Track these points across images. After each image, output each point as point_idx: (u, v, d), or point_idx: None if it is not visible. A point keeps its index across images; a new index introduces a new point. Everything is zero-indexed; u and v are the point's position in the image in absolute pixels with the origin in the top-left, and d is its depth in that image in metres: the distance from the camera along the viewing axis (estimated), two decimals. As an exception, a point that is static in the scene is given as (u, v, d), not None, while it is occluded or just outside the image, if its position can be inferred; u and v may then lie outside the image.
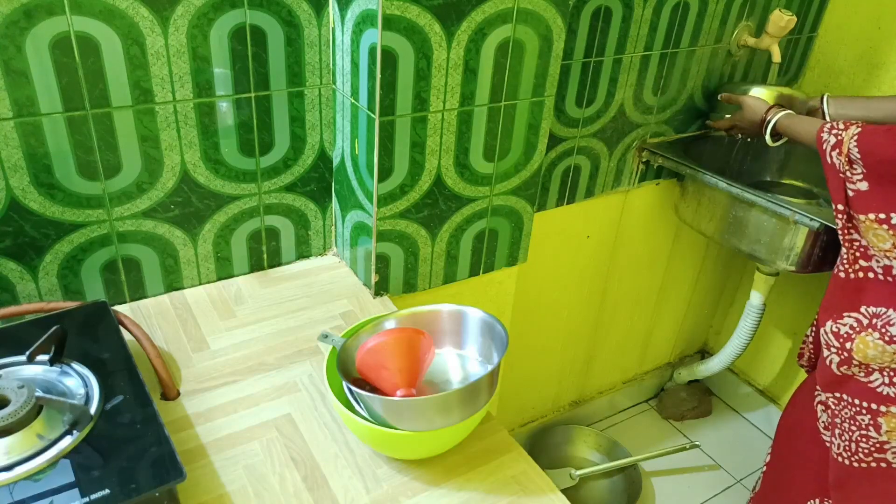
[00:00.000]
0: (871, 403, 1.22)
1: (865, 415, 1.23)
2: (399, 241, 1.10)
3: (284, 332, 1.03)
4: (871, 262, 1.18)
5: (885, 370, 1.18)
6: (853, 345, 1.21)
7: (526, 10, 1.00)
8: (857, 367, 1.21)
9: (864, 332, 1.20)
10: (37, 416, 0.72)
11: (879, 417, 1.21)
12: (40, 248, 0.96)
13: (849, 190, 1.16)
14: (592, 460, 1.93)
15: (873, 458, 1.25)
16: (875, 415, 1.22)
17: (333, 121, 1.11)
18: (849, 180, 1.15)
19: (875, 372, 1.20)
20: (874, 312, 1.19)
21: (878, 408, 1.21)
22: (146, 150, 0.97)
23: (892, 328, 1.16)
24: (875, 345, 1.17)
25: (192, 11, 0.92)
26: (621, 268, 1.84)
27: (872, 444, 1.24)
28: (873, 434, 1.23)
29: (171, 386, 0.89)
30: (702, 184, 1.56)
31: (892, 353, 1.16)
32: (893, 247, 1.13)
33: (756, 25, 1.62)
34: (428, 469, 0.82)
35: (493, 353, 0.86)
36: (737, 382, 2.21)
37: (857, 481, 1.29)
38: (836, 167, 1.16)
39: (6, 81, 0.84)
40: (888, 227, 1.12)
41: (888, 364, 1.18)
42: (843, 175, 1.15)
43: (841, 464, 1.30)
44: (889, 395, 1.19)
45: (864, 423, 1.24)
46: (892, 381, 1.19)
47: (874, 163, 1.11)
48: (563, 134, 1.45)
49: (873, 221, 1.13)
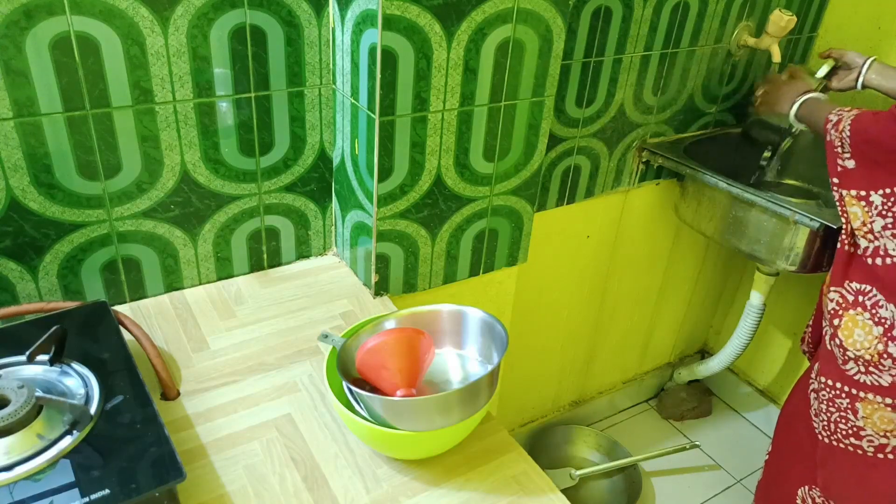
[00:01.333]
0: (851, 388, 1.25)
1: (844, 398, 1.27)
2: (399, 241, 1.10)
3: (284, 332, 1.03)
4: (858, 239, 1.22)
5: (860, 360, 1.22)
6: (841, 322, 1.23)
7: (526, 10, 1.00)
8: (838, 347, 1.25)
9: (852, 310, 1.22)
10: (37, 416, 0.72)
11: (857, 402, 1.25)
12: (40, 248, 0.96)
13: (838, 166, 1.20)
14: (592, 460, 1.93)
15: (850, 442, 1.28)
16: (854, 399, 1.25)
17: (333, 121, 1.11)
18: (839, 156, 1.20)
19: (850, 361, 1.23)
20: (858, 289, 1.22)
21: (857, 393, 1.24)
22: (146, 150, 0.97)
23: (881, 310, 1.17)
24: (864, 324, 1.20)
25: (192, 11, 0.92)
26: (621, 268, 1.84)
27: (850, 426, 1.27)
28: (851, 417, 1.27)
29: (171, 386, 0.89)
30: (702, 184, 1.56)
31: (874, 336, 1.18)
32: (863, 224, 1.18)
33: (756, 25, 1.62)
34: (428, 469, 0.82)
35: (493, 353, 0.86)
36: (737, 382, 2.21)
37: (839, 462, 1.33)
38: (833, 143, 1.20)
39: (6, 81, 0.84)
40: (865, 203, 1.16)
41: (863, 353, 1.20)
42: (837, 151, 1.20)
43: (822, 442, 1.34)
44: (865, 382, 1.23)
45: (843, 406, 1.27)
46: (867, 370, 1.22)
47: (860, 142, 1.15)
48: (563, 134, 1.45)
49: (854, 198, 1.18)
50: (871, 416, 1.23)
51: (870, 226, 1.17)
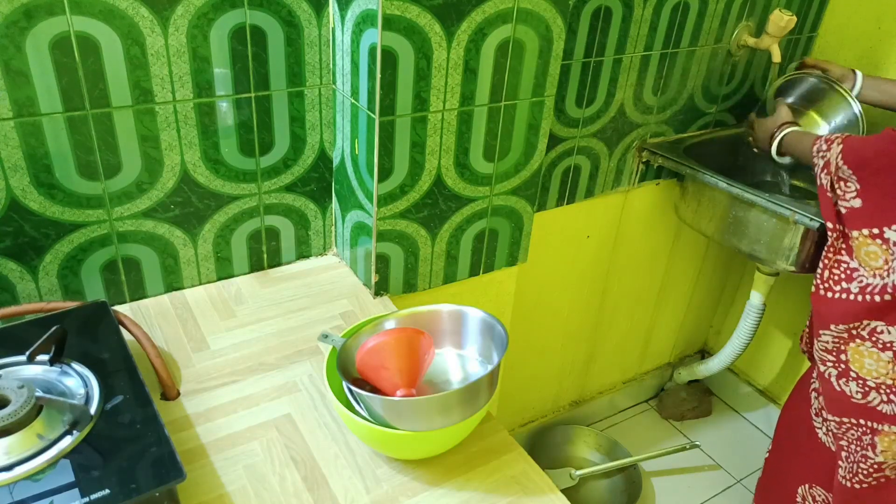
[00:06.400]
0: (871, 422, 1.22)
1: (868, 434, 1.23)
2: (399, 241, 1.10)
3: (284, 332, 1.03)
4: (851, 285, 1.19)
5: (882, 387, 1.19)
6: (848, 356, 1.21)
7: (526, 10, 1.00)
8: (854, 381, 1.21)
9: (852, 343, 1.20)
10: (37, 416, 0.72)
11: (876, 437, 1.21)
12: (40, 248, 0.96)
13: (841, 208, 1.16)
14: (592, 460, 1.93)
15: (873, 477, 1.25)
16: (874, 433, 1.22)
17: (333, 121, 1.11)
18: (841, 199, 1.16)
19: (872, 391, 1.20)
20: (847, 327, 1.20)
21: (876, 426, 1.21)
22: (146, 150, 0.97)
23: (882, 336, 1.16)
24: (870, 353, 1.18)
25: (192, 11, 0.92)
26: (621, 268, 1.84)
27: (870, 464, 1.24)
28: (870, 454, 1.23)
29: (171, 386, 0.89)
30: (702, 184, 1.56)
31: (886, 361, 1.16)
32: (885, 263, 1.13)
33: (756, 25, 1.62)
34: (428, 469, 0.82)
35: (493, 353, 0.86)
36: (737, 382, 2.21)
37: (862, 501, 1.30)
38: (825, 187, 1.17)
39: (6, 81, 0.84)
40: (881, 241, 1.12)
41: (884, 379, 1.18)
42: (832, 194, 1.16)
43: (844, 486, 1.31)
44: (886, 413, 1.20)
45: (865, 443, 1.24)
46: (889, 398, 1.19)
47: (867, 175, 1.11)
48: (563, 134, 1.45)
49: (867, 237, 1.14)
50: (890, 447, 1.21)
51: (892, 263, 1.12)
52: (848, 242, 1.18)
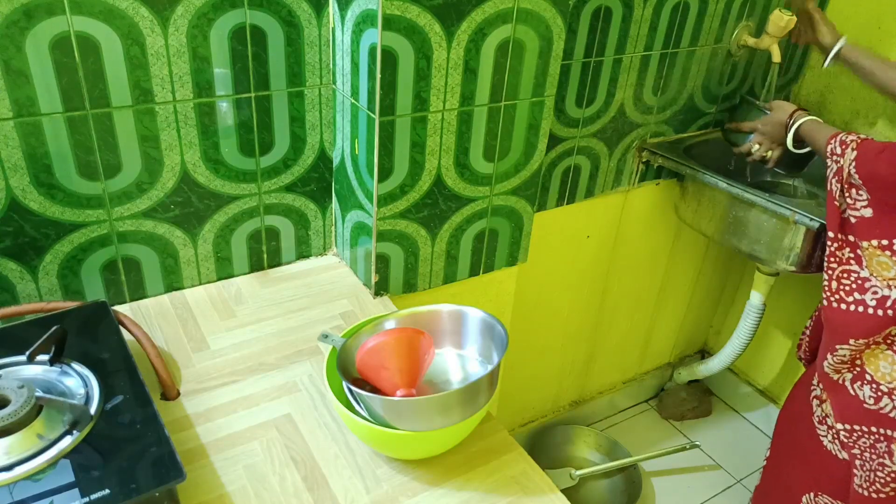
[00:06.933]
0: (884, 429, 1.21)
1: (883, 441, 1.22)
2: (399, 241, 1.10)
3: (284, 332, 1.03)
4: (865, 296, 1.17)
5: (894, 393, 1.18)
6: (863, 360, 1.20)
7: (526, 10, 1.00)
8: (868, 384, 1.20)
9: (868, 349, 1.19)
10: (37, 416, 0.72)
11: (892, 444, 1.20)
12: (40, 248, 0.96)
13: (851, 217, 1.14)
14: (592, 460, 1.93)
15: (890, 487, 1.24)
16: (889, 441, 1.21)
17: (333, 121, 1.11)
18: (850, 207, 1.14)
19: (885, 396, 1.19)
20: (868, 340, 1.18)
21: (890, 433, 1.20)
22: (146, 150, 0.97)
23: None
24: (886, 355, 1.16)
25: (192, 11, 0.92)
26: (621, 268, 1.84)
27: (888, 472, 1.22)
28: (888, 462, 1.21)
29: (171, 386, 0.89)
30: (702, 184, 1.56)
31: None
32: None
33: (756, 25, 1.62)
34: (428, 469, 0.82)
35: (493, 353, 0.86)
36: (737, 382, 2.21)
37: None
38: (833, 194, 1.16)
39: (6, 81, 0.84)
40: (891, 252, 1.10)
41: None
42: (839, 202, 1.14)
43: (861, 494, 1.29)
44: None
45: (882, 451, 1.22)
46: None
47: (878, 188, 1.09)
48: (563, 134, 1.45)
49: (876, 248, 1.12)
50: None
51: None
52: (857, 252, 1.16)
